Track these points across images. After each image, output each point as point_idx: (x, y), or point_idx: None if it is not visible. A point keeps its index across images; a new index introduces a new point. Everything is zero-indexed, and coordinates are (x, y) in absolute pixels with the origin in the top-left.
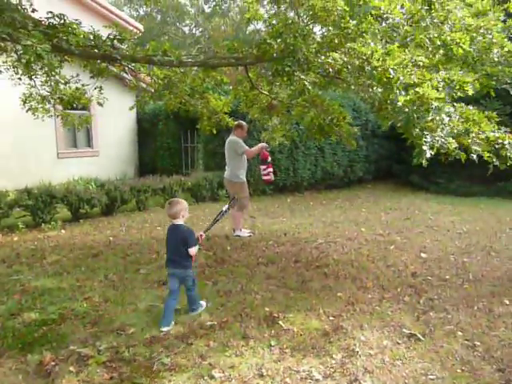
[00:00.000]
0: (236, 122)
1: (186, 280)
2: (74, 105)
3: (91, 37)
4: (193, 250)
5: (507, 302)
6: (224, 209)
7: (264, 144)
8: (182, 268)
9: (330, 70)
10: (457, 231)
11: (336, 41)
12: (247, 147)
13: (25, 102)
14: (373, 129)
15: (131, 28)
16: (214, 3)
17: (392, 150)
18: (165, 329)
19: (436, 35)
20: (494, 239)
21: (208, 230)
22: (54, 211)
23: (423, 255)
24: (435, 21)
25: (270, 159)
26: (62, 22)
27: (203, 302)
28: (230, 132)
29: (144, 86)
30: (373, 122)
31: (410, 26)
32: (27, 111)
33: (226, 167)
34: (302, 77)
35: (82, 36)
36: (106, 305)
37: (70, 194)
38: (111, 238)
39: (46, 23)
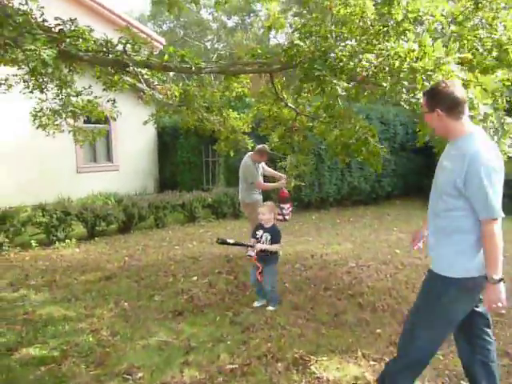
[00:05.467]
0: (259, 146)
1: None
2: (87, 118)
3: (102, 42)
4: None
5: None
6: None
7: (282, 182)
8: None
9: (364, 73)
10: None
11: (374, 41)
12: (260, 179)
13: (35, 118)
14: (401, 142)
15: (153, 42)
16: (237, 18)
17: (421, 164)
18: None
19: (487, 35)
20: None
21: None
22: (68, 228)
23: None
24: (483, 21)
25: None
26: (73, 28)
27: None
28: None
29: (160, 97)
30: (401, 135)
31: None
32: (37, 128)
33: (239, 186)
34: (335, 81)
35: (92, 42)
36: (114, 340)
37: (86, 211)
38: (126, 258)
39: (56, 30)
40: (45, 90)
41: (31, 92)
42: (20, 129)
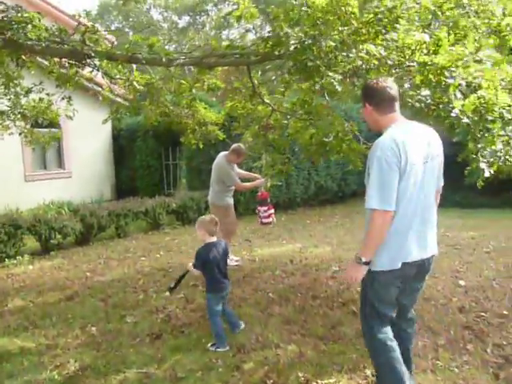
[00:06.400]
0: (234, 145)
1: None
2: (40, 120)
3: (55, 31)
4: None
5: None
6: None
7: (261, 181)
8: None
9: (364, 66)
10: (484, 250)
11: (363, 31)
12: (238, 180)
13: None
14: (365, 139)
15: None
16: (188, 17)
17: None
18: None
19: (485, 21)
20: None
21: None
22: (19, 243)
23: (461, 282)
24: (472, 9)
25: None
26: (20, 15)
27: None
28: (216, 147)
29: (118, 100)
30: (365, 132)
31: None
32: None
33: (210, 188)
34: (330, 74)
35: (43, 30)
36: (85, 374)
37: (39, 223)
38: (88, 274)
39: None
40: None
41: None
42: None
